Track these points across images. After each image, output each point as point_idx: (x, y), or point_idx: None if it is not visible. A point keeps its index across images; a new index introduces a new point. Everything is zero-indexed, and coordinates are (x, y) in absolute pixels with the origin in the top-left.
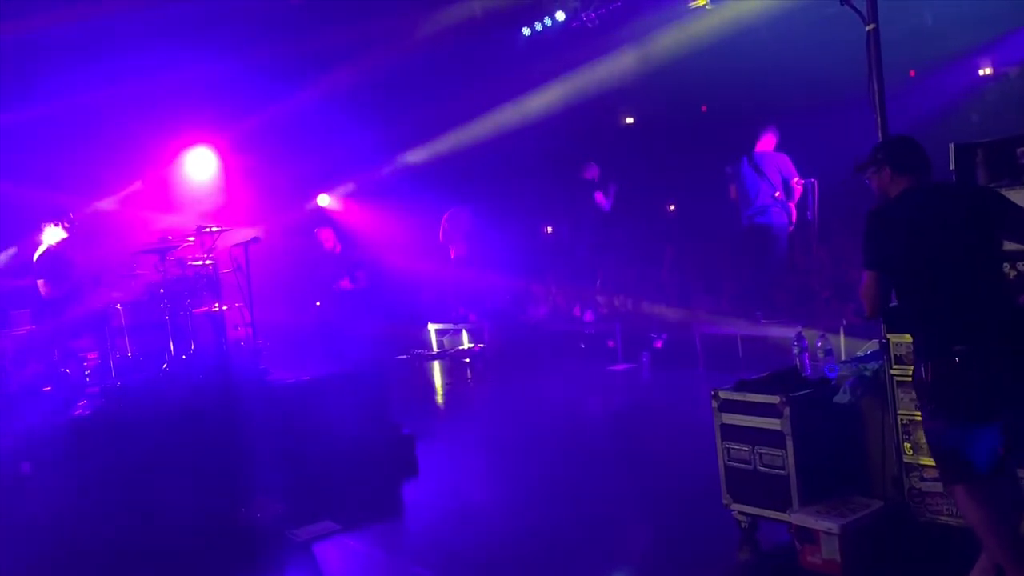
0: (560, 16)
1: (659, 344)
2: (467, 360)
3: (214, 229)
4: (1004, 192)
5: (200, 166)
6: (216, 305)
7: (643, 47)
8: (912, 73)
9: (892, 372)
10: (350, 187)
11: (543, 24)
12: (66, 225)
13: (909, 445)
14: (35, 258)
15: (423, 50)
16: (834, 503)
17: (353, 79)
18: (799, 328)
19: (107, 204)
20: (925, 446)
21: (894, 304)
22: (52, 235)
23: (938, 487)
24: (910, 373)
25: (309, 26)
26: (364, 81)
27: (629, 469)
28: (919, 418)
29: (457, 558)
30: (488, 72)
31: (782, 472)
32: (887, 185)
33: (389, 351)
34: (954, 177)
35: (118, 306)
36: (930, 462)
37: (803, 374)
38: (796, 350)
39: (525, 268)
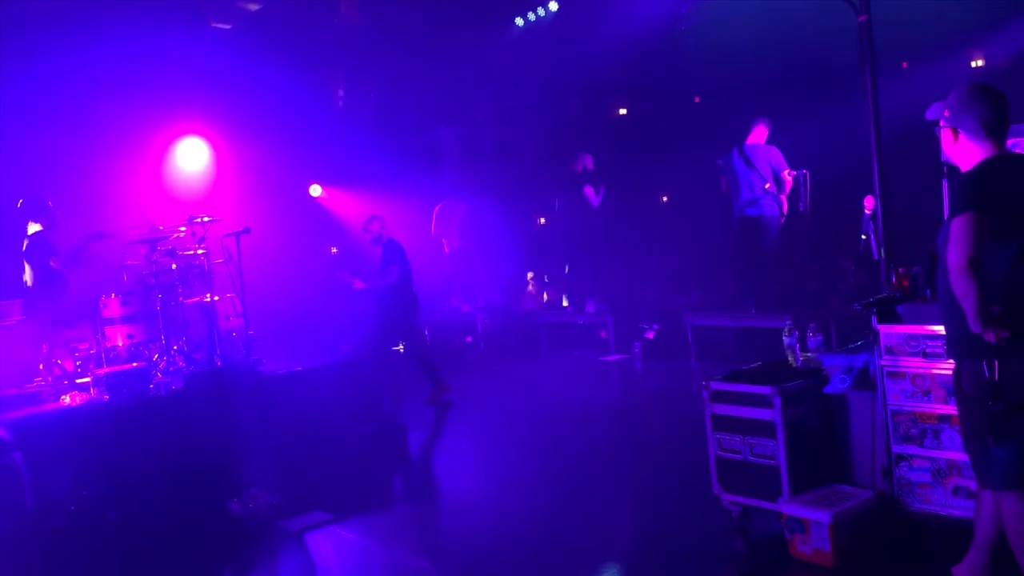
0: (553, 7)
1: (651, 335)
2: (461, 351)
3: (205, 219)
4: None
5: (192, 156)
6: (208, 296)
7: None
8: (904, 64)
9: (882, 363)
10: (342, 177)
11: (536, 15)
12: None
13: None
14: (23, 248)
15: (417, 40)
16: (824, 493)
17: (346, 69)
18: (790, 319)
19: (97, 194)
20: (914, 437)
21: (886, 295)
22: (32, 227)
23: (926, 477)
24: (900, 364)
25: (302, 15)
26: (357, 71)
27: (621, 459)
28: (907, 408)
29: (449, 548)
30: (481, 62)
31: (772, 462)
32: (955, 146)
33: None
34: (945, 170)
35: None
36: (920, 452)
37: (794, 365)
38: (787, 341)
39: (519, 259)
